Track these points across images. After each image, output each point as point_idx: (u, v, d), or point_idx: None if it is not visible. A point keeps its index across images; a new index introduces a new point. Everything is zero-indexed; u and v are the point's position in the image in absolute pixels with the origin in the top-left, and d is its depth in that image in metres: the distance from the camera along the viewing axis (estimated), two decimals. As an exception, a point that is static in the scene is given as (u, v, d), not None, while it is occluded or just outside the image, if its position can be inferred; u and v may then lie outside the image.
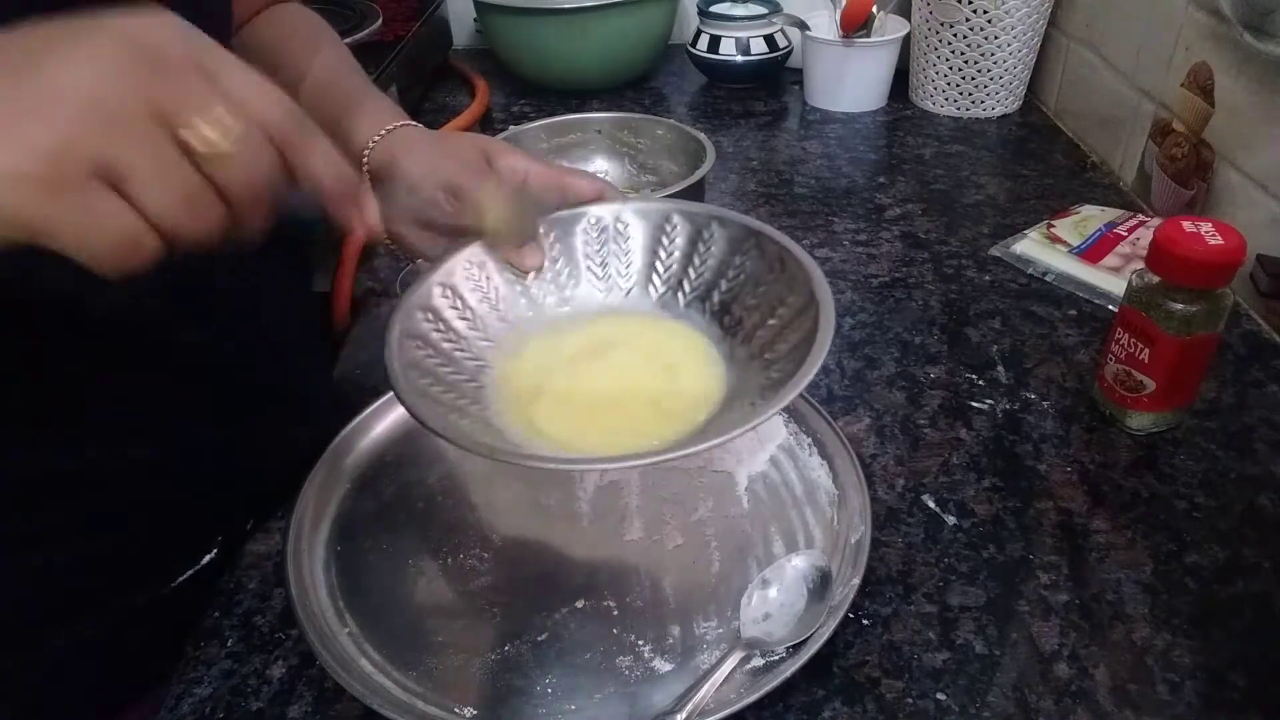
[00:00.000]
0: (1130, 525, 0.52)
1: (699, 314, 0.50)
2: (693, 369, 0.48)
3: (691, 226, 0.51)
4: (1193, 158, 0.80)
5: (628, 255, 0.52)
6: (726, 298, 0.49)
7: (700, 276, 0.51)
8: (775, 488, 0.54)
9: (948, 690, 0.44)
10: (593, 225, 0.52)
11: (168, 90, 0.28)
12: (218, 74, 0.30)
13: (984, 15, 1.00)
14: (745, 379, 0.45)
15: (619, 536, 0.51)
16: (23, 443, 0.43)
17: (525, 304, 0.50)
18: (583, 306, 0.52)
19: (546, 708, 0.43)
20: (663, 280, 0.52)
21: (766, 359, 0.45)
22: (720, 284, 0.50)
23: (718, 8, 1.15)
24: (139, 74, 0.27)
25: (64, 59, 0.27)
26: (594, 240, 0.52)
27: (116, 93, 0.27)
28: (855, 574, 0.46)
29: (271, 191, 0.31)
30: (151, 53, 0.28)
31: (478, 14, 1.17)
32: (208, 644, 0.47)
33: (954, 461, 0.57)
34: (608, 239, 0.52)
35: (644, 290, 0.52)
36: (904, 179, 0.94)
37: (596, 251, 0.52)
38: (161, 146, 0.28)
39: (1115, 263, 0.75)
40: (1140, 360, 0.56)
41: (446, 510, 0.53)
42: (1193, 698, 0.43)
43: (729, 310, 0.49)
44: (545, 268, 0.51)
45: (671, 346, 0.49)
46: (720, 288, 0.50)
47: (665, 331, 0.50)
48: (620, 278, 0.52)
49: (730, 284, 0.49)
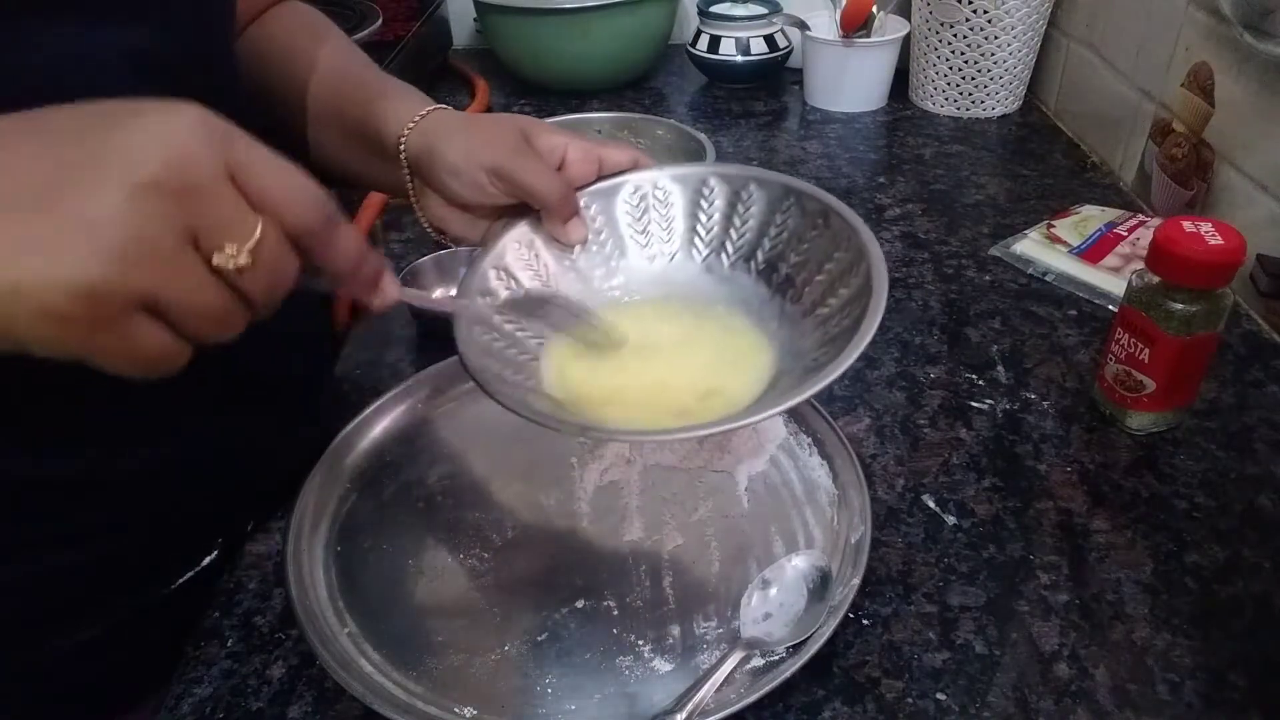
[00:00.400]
0: (1130, 525, 0.52)
1: (745, 274, 0.51)
2: (741, 364, 0.48)
3: (729, 188, 0.52)
4: (1193, 158, 0.80)
5: (669, 221, 0.53)
6: (771, 256, 0.50)
7: (743, 237, 0.51)
8: (775, 488, 0.54)
9: (948, 690, 0.44)
10: (632, 194, 0.52)
11: (200, 215, 0.28)
12: (247, 173, 0.29)
13: (984, 15, 1.00)
14: (799, 337, 0.46)
15: (619, 536, 0.51)
16: (23, 446, 0.43)
17: (575, 278, 0.51)
18: (630, 277, 0.52)
19: (546, 708, 0.43)
20: (705, 244, 0.52)
21: (820, 315, 0.46)
22: (763, 243, 0.50)
23: (718, 8, 1.15)
24: (174, 201, 0.27)
25: (96, 187, 0.26)
26: (634, 209, 0.52)
27: (153, 227, 0.27)
28: (855, 574, 0.46)
29: (294, 285, 0.32)
30: (184, 172, 0.28)
31: (478, 14, 1.17)
32: (208, 644, 0.47)
33: (954, 461, 0.57)
34: (648, 206, 0.53)
35: (688, 255, 0.53)
36: (904, 179, 0.94)
37: (638, 219, 0.53)
38: (196, 273, 0.28)
39: (1115, 263, 0.75)
40: (1140, 360, 0.56)
41: (446, 510, 0.53)
42: (1193, 698, 0.43)
43: (775, 268, 0.50)
44: (589, 240, 0.51)
45: (719, 342, 0.49)
46: (764, 247, 0.50)
47: (714, 321, 0.50)
48: (663, 244, 0.53)
49: (774, 242, 0.50)
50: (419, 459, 0.57)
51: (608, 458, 0.56)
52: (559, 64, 1.12)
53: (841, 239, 0.46)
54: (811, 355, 0.43)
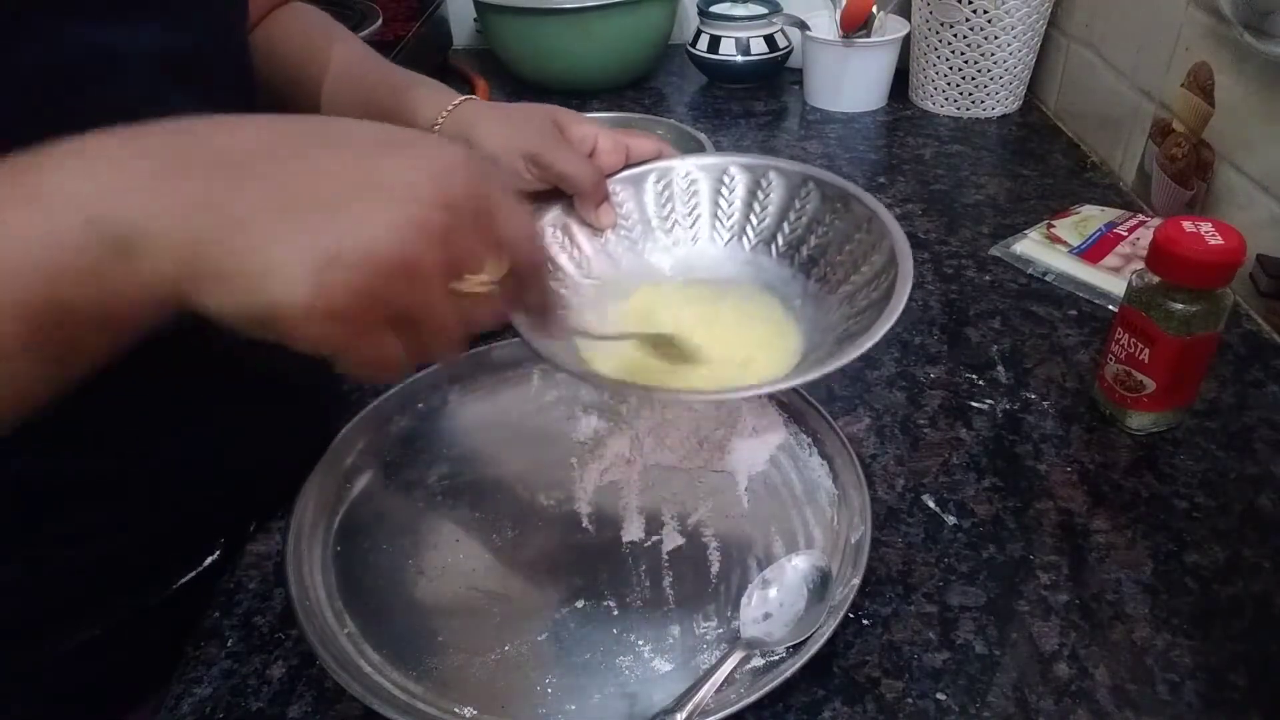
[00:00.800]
0: (1130, 525, 0.52)
1: (767, 257, 0.55)
2: (769, 343, 0.50)
3: (750, 176, 0.55)
4: (1193, 158, 0.80)
5: (693, 207, 0.56)
6: (793, 239, 0.54)
7: (763, 221, 0.55)
8: (775, 488, 0.54)
9: (948, 690, 0.44)
10: (657, 182, 0.56)
11: (457, 246, 0.31)
12: (495, 213, 0.33)
13: (984, 15, 1.00)
14: (825, 314, 0.49)
15: (619, 536, 0.51)
16: (25, 446, 0.43)
17: (607, 261, 0.54)
18: (659, 260, 0.56)
19: (546, 708, 0.43)
20: (727, 228, 0.56)
21: (845, 291, 0.49)
22: (784, 227, 0.54)
23: (718, 8, 1.15)
24: (438, 232, 0.30)
25: (374, 211, 0.29)
26: (659, 195, 0.56)
27: (419, 252, 0.30)
28: (855, 574, 0.46)
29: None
30: (451, 207, 0.30)
31: (478, 14, 1.17)
32: (208, 644, 0.47)
33: (954, 461, 0.57)
34: (673, 194, 0.56)
35: (711, 239, 0.56)
36: (904, 179, 0.94)
37: (663, 206, 0.56)
38: (444, 297, 0.31)
39: (1115, 263, 0.75)
40: (1140, 360, 0.56)
41: (446, 510, 0.53)
42: (1193, 698, 0.43)
43: (797, 250, 0.53)
44: (619, 224, 0.55)
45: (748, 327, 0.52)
46: (784, 230, 0.54)
47: (740, 302, 0.53)
48: (687, 229, 0.56)
49: (794, 226, 0.54)
50: (419, 459, 0.57)
51: (608, 458, 0.56)
52: (559, 64, 1.12)
53: (861, 220, 0.49)
54: (841, 327, 0.46)
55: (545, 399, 0.61)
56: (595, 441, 0.57)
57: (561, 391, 0.61)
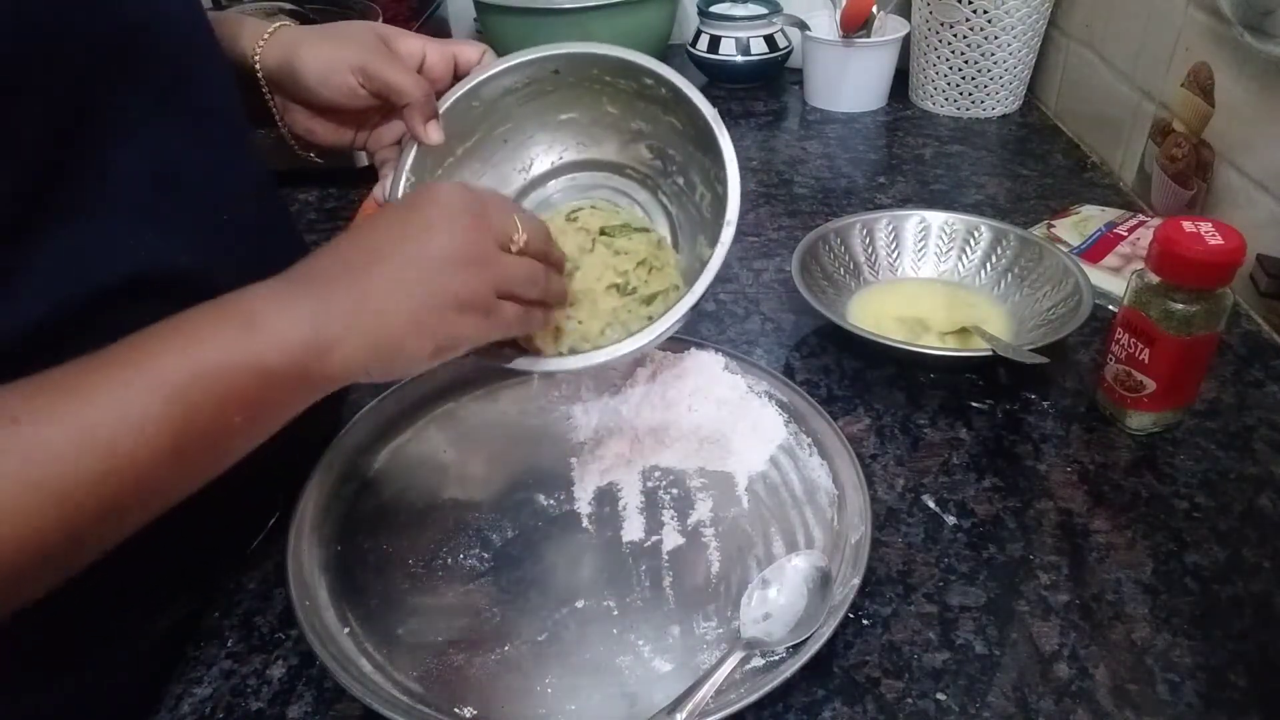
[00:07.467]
0: (1130, 525, 0.52)
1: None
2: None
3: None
4: (1193, 158, 0.80)
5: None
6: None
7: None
8: (775, 488, 0.54)
9: (948, 690, 0.44)
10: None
11: (494, 226, 0.43)
12: (504, 203, 0.46)
13: (984, 15, 1.00)
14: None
15: (619, 536, 0.51)
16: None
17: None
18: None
19: (546, 708, 0.43)
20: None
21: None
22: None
23: (718, 8, 1.15)
24: (478, 227, 0.42)
25: (436, 235, 0.41)
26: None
27: (477, 245, 0.42)
28: (855, 574, 0.46)
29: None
30: (473, 211, 0.42)
31: (478, 14, 1.17)
32: (208, 644, 0.47)
33: (954, 461, 0.57)
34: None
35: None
36: (904, 179, 0.94)
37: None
38: (506, 258, 0.43)
39: (1115, 263, 0.75)
40: (1140, 360, 0.56)
41: (446, 510, 0.53)
42: (1193, 698, 0.43)
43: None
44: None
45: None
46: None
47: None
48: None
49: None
50: (419, 459, 0.57)
51: (608, 458, 0.56)
52: (559, 64, 1.12)
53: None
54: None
55: (545, 399, 0.61)
56: (595, 441, 0.57)
57: (562, 391, 0.61)
